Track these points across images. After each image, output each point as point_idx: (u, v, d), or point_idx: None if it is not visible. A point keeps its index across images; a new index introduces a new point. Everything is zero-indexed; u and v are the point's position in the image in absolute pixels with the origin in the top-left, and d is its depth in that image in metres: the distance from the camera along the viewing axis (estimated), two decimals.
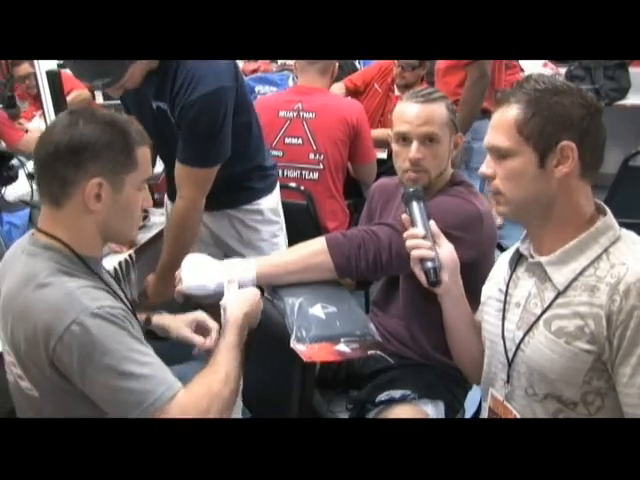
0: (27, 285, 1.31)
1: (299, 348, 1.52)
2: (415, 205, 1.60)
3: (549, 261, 1.35)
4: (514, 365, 1.42)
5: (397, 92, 3.79)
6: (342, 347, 1.56)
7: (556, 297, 1.33)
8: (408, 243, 1.56)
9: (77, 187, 1.33)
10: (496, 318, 1.49)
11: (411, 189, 1.63)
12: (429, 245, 1.53)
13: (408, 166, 1.78)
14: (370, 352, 1.59)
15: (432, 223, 1.58)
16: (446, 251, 1.56)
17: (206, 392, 1.34)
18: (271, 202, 2.40)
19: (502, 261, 1.54)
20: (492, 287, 1.54)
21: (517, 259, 1.46)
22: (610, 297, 1.23)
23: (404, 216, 1.62)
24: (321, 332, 1.55)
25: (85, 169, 1.32)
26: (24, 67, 3.69)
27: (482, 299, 1.58)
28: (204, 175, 2.04)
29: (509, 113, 1.32)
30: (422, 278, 1.55)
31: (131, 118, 1.44)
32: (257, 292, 1.61)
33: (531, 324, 1.37)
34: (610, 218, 1.34)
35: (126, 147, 1.37)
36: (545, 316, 1.35)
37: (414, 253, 1.54)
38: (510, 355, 1.43)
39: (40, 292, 1.29)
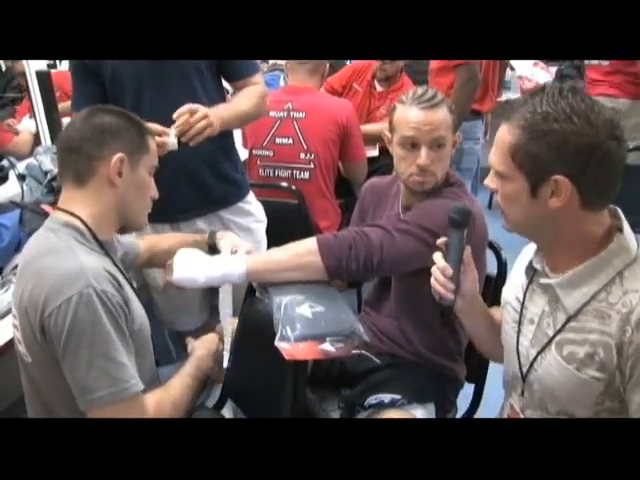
0: (45, 253, 1.42)
1: (282, 346, 1.51)
2: (456, 235, 1.49)
3: (559, 284, 1.30)
4: (527, 381, 1.40)
5: (379, 88, 3.80)
6: (327, 346, 1.54)
7: (567, 321, 1.30)
8: (435, 274, 1.49)
9: (102, 162, 1.48)
10: (512, 329, 1.45)
11: (456, 216, 1.50)
12: (452, 288, 1.47)
13: (415, 170, 1.77)
14: (354, 351, 1.58)
15: (467, 251, 1.51)
16: (469, 281, 1.51)
17: (160, 403, 1.48)
18: (255, 199, 2.40)
19: (520, 265, 1.50)
20: (511, 292, 1.50)
21: (533, 272, 1.41)
22: (621, 327, 1.19)
23: (442, 240, 1.52)
24: (307, 331, 1.55)
25: (109, 146, 1.48)
26: (22, 63, 3.66)
27: (502, 302, 1.54)
28: None
29: (505, 135, 1.26)
30: (436, 297, 1.51)
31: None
32: (216, 341, 1.76)
33: (543, 345, 1.34)
34: (625, 238, 1.26)
35: (140, 132, 1.55)
36: (557, 339, 1.31)
37: (437, 288, 1.49)
38: (524, 370, 1.40)
39: (55, 259, 1.40)
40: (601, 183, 1.22)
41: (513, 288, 1.49)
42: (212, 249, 1.88)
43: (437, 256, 1.49)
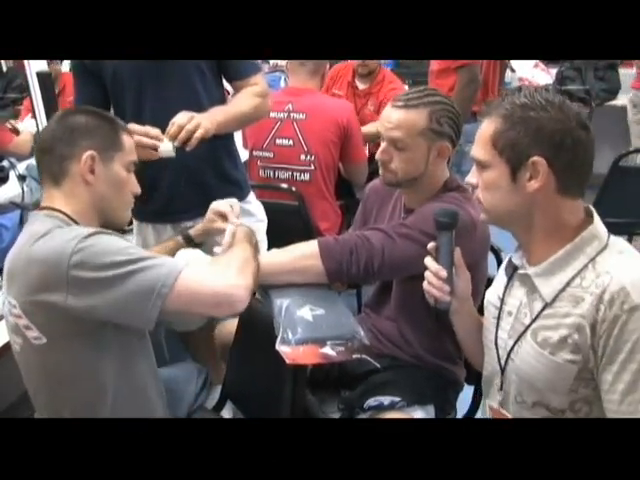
0: (30, 240, 1.43)
1: (284, 350, 1.51)
2: (445, 238, 1.51)
3: (536, 273, 1.36)
4: (505, 373, 1.44)
5: (361, 85, 3.83)
6: (328, 350, 1.54)
7: (543, 308, 1.34)
8: (428, 278, 1.51)
9: (73, 161, 1.51)
10: (492, 325, 1.49)
11: (442, 218, 1.52)
12: (447, 290, 1.49)
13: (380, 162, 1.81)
14: (355, 355, 1.58)
15: (457, 252, 1.53)
16: (462, 282, 1.54)
17: (217, 261, 1.57)
18: (255, 199, 2.40)
19: (503, 267, 1.54)
20: (492, 293, 1.54)
21: (513, 268, 1.45)
22: (595, 307, 1.24)
23: (432, 244, 1.53)
24: (307, 334, 1.55)
25: (80, 145, 1.51)
26: (51, 67, 3.66)
27: (485, 303, 1.57)
28: None
29: (487, 126, 1.35)
30: (431, 302, 1.53)
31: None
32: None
33: (520, 334, 1.38)
34: (596, 227, 1.33)
35: (113, 129, 1.58)
36: (533, 327, 1.36)
37: (432, 291, 1.50)
38: (502, 363, 1.44)
39: (42, 240, 1.42)
40: (575, 168, 1.30)
41: (494, 290, 1.53)
42: (191, 242, 1.93)
43: (428, 260, 1.52)
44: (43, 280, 1.38)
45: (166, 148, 1.85)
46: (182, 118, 1.86)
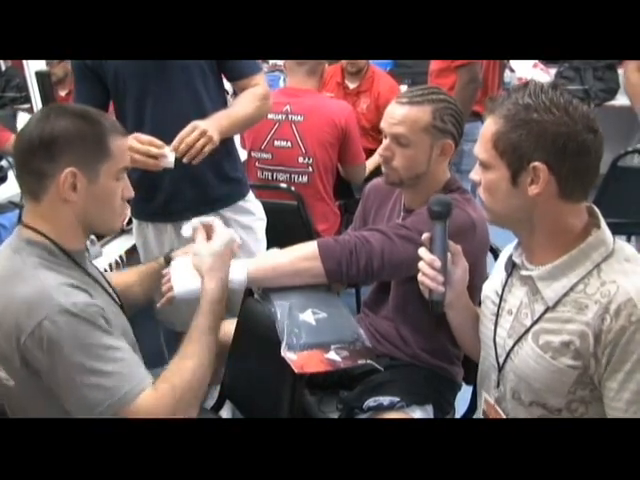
0: (9, 281, 1.34)
1: (290, 357, 1.51)
2: (439, 227, 1.51)
3: (540, 276, 1.34)
4: (503, 371, 1.43)
5: (351, 85, 3.84)
6: (333, 355, 1.55)
7: (545, 311, 1.33)
8: (423, 269, 1.50)
9: (52, 179, 1.36)
10: (490, 322, 1.48)
11: (436, 207, 1.52)
12: (441, 280, 1.48)
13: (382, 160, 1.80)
14: (360, 362, 1.59)
15: (451, 242, 1.53)
16: (460, 271, 1.54)
17: (174, 387, 1.37)
18: (254, 198, 2.41)
19: (501, 261, 1.53)
20: (490, 287, 1.53)
21: (512, 265, 1.44)
22: (600, 316, 1.22)
23: (426, 235, 1.53)
24: (312, 339, 1.55)
25: (58, 161, 1.35)
26: (62, 66, 3.65)
27: (482, 297, 1.57)
28: None
29: (489, 126, 1.31)
30: (425, 294, 1.52)
31: (102, 112, 1.48)
32: (228, 249, 1.67)
33: (520, 335, 1.38)
34: (603, 233, 1.30)
35: (98, 137, 1.39)
36: (534, 329, 1.35)
37: (426, 282, 1.49)
38: (500, 361, 1.44)
39: (19, 288, 1.31)
40: (578, 173, 1.27)
41: (493, 284, 1.52)
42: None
43: (422, 251, 1.51)
44: (8, 334, 1.30)
45: (169, 159, 1.86)
46: (191, 135, 1.86)
